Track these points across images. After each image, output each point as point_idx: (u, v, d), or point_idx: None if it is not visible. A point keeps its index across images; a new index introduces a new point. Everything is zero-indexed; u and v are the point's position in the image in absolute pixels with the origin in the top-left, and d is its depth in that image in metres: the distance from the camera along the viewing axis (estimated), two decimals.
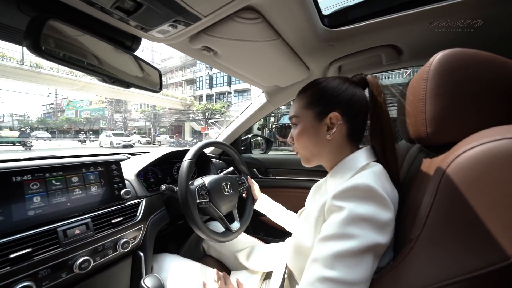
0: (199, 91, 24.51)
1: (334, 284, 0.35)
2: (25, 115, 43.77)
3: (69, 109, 39.11)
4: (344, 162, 0.49)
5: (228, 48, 0.63)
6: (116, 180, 0.74)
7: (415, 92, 0.45)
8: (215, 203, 0.81)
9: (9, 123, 42.28)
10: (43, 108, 50.60)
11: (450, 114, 0.40)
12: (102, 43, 0.48)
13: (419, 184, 0.45)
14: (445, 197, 0.32)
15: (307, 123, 0.51)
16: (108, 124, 29.82)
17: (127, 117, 29.04)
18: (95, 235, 0.62)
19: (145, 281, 0.59)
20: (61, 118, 37.24)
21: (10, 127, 40.71)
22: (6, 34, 0.38)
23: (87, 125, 34.47)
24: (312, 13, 0.55)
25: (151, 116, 25.86)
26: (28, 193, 0.55)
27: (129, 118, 29.31)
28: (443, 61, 0.40)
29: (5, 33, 0.38)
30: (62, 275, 0.54)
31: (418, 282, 0.32)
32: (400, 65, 0.79)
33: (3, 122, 44.60)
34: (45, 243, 0.53)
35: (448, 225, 0.32)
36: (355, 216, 0.36)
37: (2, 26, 0.38)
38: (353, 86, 0.50)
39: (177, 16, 0.44)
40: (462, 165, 0.31)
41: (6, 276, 0.45)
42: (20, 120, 40.69)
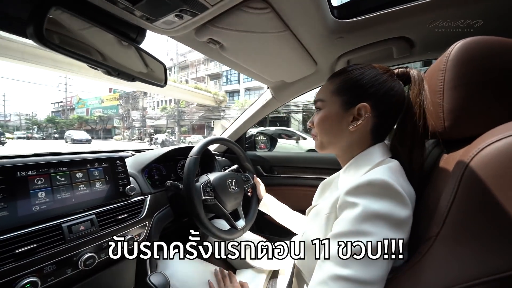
0: (226, 86, 22.02)
1: (348, 283, 0.33)
2: (33, 114, 43.06)
3: (80, 107, 37.76)
4: (359, 157, 0.47)
5: (235, 41, 0.61)
6: (120, 176, 0.74)
7: (431, 84, 0.43)
8: (220, 200, 0.80)
9: (16, 122, 42.03)
10: (52, 106, 49.43)
11: (471, 106, 0.38)
12: (106, 34, 0.47)
13: (436, 180, 0.43)
14: (467, 192, 0.30)
15: (332, 110, 0.48)
16: (123, 122, 28.27)
17: (144, 114, 26.35)
18: (100, 231, 0.61)
19: (150, 278, 0.58)
20: (72, 116, 35.84)
21: (17, 126, 40.72)
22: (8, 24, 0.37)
23: (100, 123, 33.25)
24: (322, 3, 0.53)
25: (173, 113, 23.06)
26: (33, 189, 0.55)
27: (147, 116, 26.64)
28: (463, 50, 0.38)
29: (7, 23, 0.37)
30: (67, 271, 0.53)
31: (438, 282, 0.31)
32: (411, 59, 0.77)
33: (10, 121, 44.47)
34: (50, 239, 0.52)
35: (471, 221, 0.30)
36: (369, 213, 0.35)
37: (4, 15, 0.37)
38: (393, 79, 0.46)
39: (183, 5, 0.43)
40: (487, 158, 0.29)
41: (11, 271, 0.44)
42: (28, 119, 40.03)
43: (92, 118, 33.85)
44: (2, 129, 35.66)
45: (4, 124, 42.77)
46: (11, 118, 44.99)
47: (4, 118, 44.17)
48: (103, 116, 32.29)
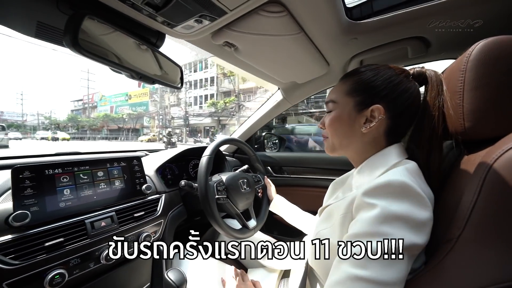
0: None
1: (367, 284, 0.33)
2: (51, 113, 41.61)
3: (103, 104, 34.25)
4: (375, 157, 0.46)
5: (250, 43, 0.63)
6: (137, 175, 0.76)
7: (450, 84, 0.42)
8: (232, 200, 0.82)
9: (33, 122, 41.23)
10: (71, 105, 45.69)
11: (492, 107, 0.37)
12: (130, 40, 0.49)
13: (454, 181, 0.42)
14: (491, 194, 0.30)
15: (344, 111, 0.47)
16: (158, 121, 24.19)
17: (186, 111, 21.81)
18: (119, 228, 0.64)
19: (168, 274, 0.60)
20: (97, 114, 32.09)
21: (34, 126, 40.00)
22: (46, 34, 0.40)
23: (129, 122, 29.36)
24: (337, 5, 0.53)
25: (218, 110, 19.34)
26: (59, 186, 0.58)
27: (192, 112, 22.01)
28: (485, 50, 0.38)
29: (45, 33, 0.40)
30: (90, 265, 0.56)
31: (460, 285, 0.30)
32: (427, 59, 0.76)
33: (26, 121, 44.06)
34: (75, 234, 0.55)
35: (495, 223, 0.29)
36: (388, 215, 0.34)
37: (43, 25, 0.40)
38: (408, 80, 0.45)
39: (203, 10, 0.44)
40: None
41: (43, 262, 0.47)
42: (46, 116, 38.23)
43: (118, 116, 29.83)
44: (19, 129, 35.79)
45: (22, 124, 42.53)
46: (27, 118, 44.64)
47: (22, 117, 43.97)
48: (132, 114, 28.21)
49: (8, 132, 18.29)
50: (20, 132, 29.75)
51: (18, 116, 45.10)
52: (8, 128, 33.18)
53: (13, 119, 44.77)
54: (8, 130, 19.66)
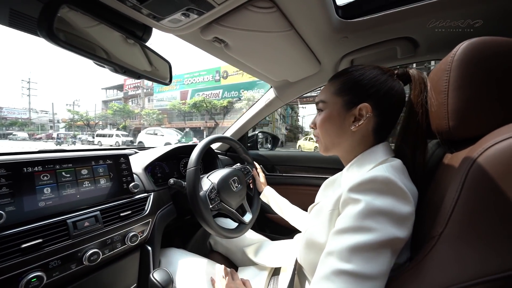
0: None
1: (350, 277, 0.33)
2: (74, 105, 28.45)
3: (162, 90, 21.27)
4: (363, 155, 0.47)
5: (240, 40, 0.62)
6: (124, 173, 0.74)
7: (436, 84, 0.43)
8: (226, 202, 0.82)
9: (42, 120, 32.12)
10: (102, 93, 30.74)
11: (476, 107, 0.38)
12: (113, 32, 0.47)
13: (439, 179, 0.43)
14: (472, 191, 0.31)
15: (334, 111, 0.49)
16: (279, 116, 14.77)
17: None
18: (104, 228, 0.62)
19: (154, 275, 0.59)
20: (192, 100, 17.33)
21: (42, 124, 31.75)
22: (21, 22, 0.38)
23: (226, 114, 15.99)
24: (327, 3, 0.53)
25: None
26: (39, 185, 0.55)
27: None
28: (469, 50, 0.38)
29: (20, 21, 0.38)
30: (72, 267, 0.54)
31: (442, 281, 0.31)
32: (415, 59, 0.77)
33: (38, 118, 33.43)
34: (56, 234, 0.53)
35: (475, 220, 0.30)
36: (372, 209, 0.35)
37: (17, 13, 0.37)
38: (393, 79, 0.47)
39: (190, 4, 0.43)
40: (492, 158, 0.30)
41: (18, 266, 0.45)
42: (74, 111, 24.85)
43: (208, 106, 16.65)
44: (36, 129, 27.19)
45: (39, 123, 33.18)
46: (31, 115, 33.66)
47: (30, 114, 32.10)
48: (238, 104, 15.61)
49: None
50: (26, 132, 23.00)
51: (20, 114, 34.41)
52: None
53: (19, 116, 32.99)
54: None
